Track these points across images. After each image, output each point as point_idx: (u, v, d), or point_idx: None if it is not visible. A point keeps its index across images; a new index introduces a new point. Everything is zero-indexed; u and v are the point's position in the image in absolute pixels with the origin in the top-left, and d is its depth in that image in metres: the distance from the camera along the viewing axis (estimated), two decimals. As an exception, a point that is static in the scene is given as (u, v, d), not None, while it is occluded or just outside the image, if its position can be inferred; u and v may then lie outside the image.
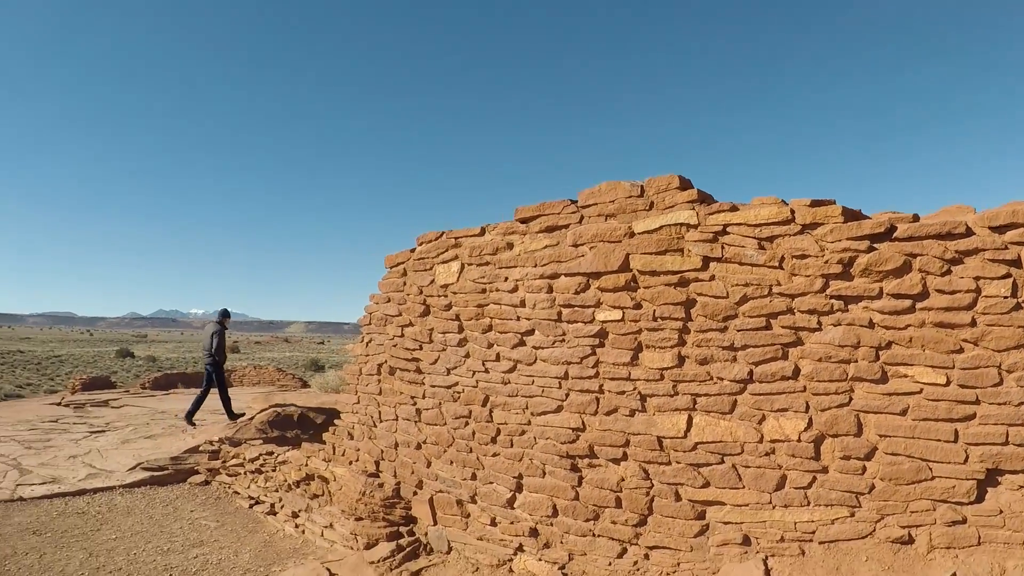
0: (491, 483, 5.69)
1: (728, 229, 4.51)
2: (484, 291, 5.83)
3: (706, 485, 4.68)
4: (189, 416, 11.65)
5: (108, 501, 8.42)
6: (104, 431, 12.12)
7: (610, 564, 5.00)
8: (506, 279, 5.67)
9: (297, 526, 7.26)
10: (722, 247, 4.53)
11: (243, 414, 11.30)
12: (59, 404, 15.63)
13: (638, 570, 4.88)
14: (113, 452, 10.36)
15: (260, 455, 8.47)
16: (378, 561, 5.86)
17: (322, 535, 6.87)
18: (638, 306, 4.89)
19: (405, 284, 6.61)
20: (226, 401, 11.37)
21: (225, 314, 11.97)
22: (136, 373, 37.61)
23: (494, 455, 5.69)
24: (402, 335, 6.60)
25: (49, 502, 8.26)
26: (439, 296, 6.24)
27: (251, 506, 8.12)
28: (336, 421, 7.55)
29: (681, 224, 4.67)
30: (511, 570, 5.48)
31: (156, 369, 38.42)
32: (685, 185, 4.76)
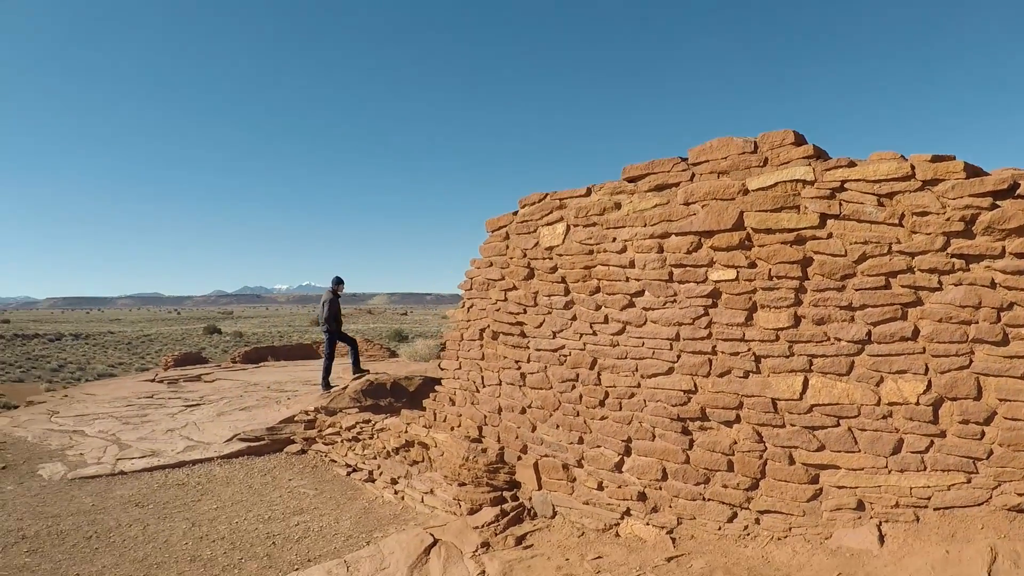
0: (598, 447, 6.40)
1: (846, 185, 5.07)
2: (591, 252, 6.49)
3: (821, 448, 5.26)
4: (355, 367, 13.17)
5: (207, 472, 9.75)
6: (199, 404, 13.65)
7: (720, 528, 5.65)
8: (614, 240, 6.33)
9: (396, 492, 8.19)
10: (840, 204, 5.08)
11: (336, 386, 12.37)
12: (153, 380, 17.79)
13: (748, 534, 5.49)
14: (209, 424, 11.74)
15: (357, 423, 9.46)
16: (482, 526, 6.67)
17: (422, 501, 7.79)
18: (752, 265, 5.49)
19: (508, 248, 7.37)
20: (327, 370, 12.47)
21: (337, 282, 13.33)
22: (224, 348, 40.92)
23: (602, 418, 6.39)
24: (505, 299, 7.35)
25: (149, 475, 9.67)
26: (544, 259, 6.96)
27: (348, 474, 9.15)
28: (437, 387, 8.41)
29: (797, 180, 5.24)
30: (618, 534, 6.20)
31: (243, 344, 41.48)
32: (800, 140, 5.32)
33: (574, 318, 6.68)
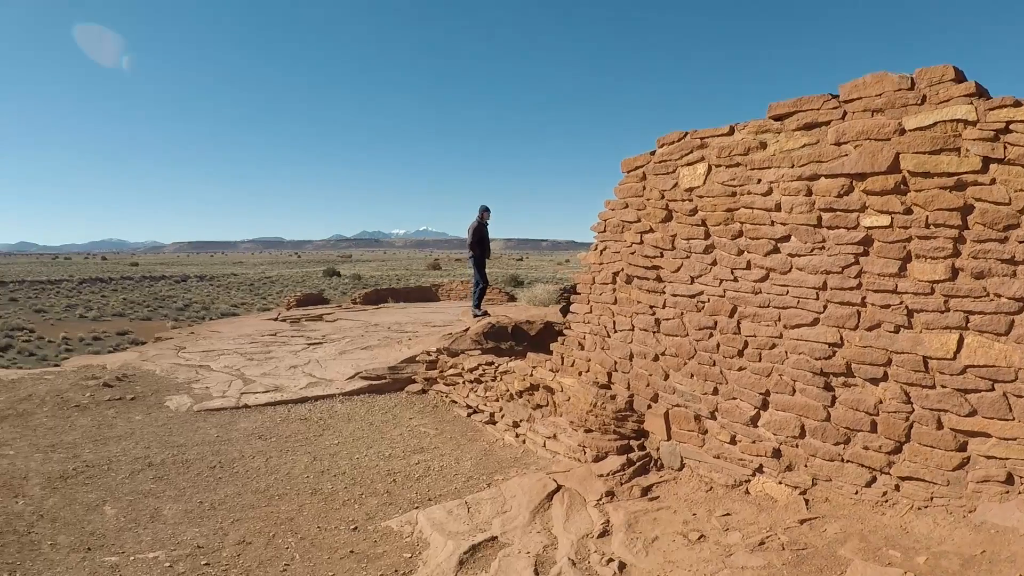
0: (734, 399, 6.81)
1: (1011, 127, 5.17)
2: (734, 194, 6.81)
3: (972, 414, 5.46)
4: (476, 306, 14.86)
5: (329, 408, 10.84)
6: (321, 343, 15.03)
7: (856, 493, 5.97)
8: (759, 181, 6.62)
9: (518, 436, 8.90)
10: (1004, 147, 5.21)
11: (486, 312, 13.38)
12: (275, 319, 19.88)
13: (886, 501, 5.77)
14: (331, 362, 12.93)
15: (479, 365, 10.19)
16: (607, 474, 7.21)
17: (544, 446, 8.45)
18: (908, 211, 5.69)
19: (644, 189, 7.79)
20: (479, 294, 14.31)
21: (484, 209, 14.67)
22: (343, 291, 44.53)
23: (739, 369, 6.78)
24: (641, 242, 7.79)
25: (272, 409, 10.85)
26: (683, 200, 7.33)
27: (469, 415, 9.98)
28: (565, 331, 8.94)
29: (958, 120, 5.39)
30: (748, 492, 6.60)
31: (361, 286, 44.96)
32: (960, 77, 5.47)
33: (714, 263, 7.03)
